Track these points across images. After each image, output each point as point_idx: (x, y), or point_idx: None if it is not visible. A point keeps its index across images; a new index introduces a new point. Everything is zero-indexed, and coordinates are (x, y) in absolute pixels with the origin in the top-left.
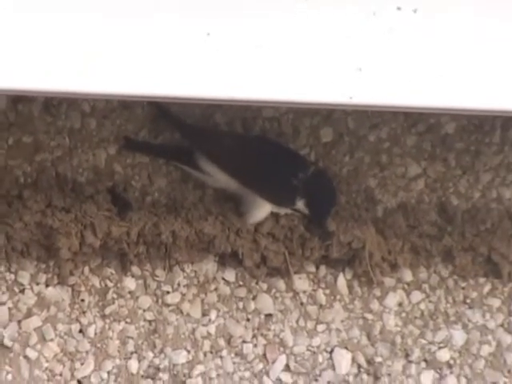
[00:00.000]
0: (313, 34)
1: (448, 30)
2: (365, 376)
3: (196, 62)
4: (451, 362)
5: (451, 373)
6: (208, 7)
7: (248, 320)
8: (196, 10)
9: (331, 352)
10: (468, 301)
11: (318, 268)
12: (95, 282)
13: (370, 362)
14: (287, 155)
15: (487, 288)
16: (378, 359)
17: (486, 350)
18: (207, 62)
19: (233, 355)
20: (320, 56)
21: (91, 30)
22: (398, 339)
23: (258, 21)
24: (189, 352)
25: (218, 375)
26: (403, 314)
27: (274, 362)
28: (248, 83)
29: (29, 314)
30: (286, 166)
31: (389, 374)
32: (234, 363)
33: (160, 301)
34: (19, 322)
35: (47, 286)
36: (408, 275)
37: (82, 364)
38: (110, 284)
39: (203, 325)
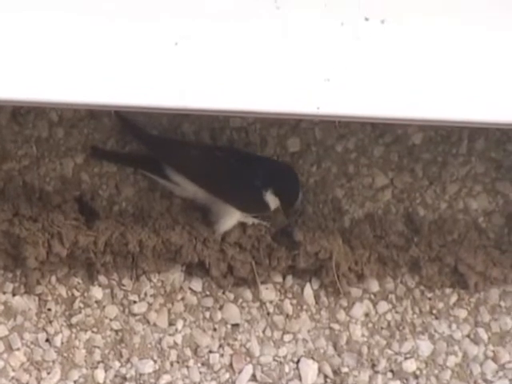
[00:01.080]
0: (280, 44)
1: (415, 41)
2: None
3: (164, 71)
4: (417, 372)
5: (417, 383)
6: (176, 16)
7: (215, 330)
8: (164, 20)
9: (298, 362)
10: (434, 311)
11: (284, 278)
12: (62, 291)
13: (336, 372)
14: (254, 161)
15: (454, 299)
16: (345, 369)
17: (452, 360)
18: (175, 71)
19: (199, 365)
20: (288, 66)
21: (58, 38)
22: (365, 349)
23: (225, 31)
24: (155, 362)
25: None
26: (370, 325)
27: (240, 372)
28: (215, 93)
29: None
30: (253, 172)
31: None
32: (200, 373)
33: (127, 310)
34: None
35: (14, 295)
36: (375, 286)
37: (48, 373)
38: (76, 293)
39: (170, 334)
